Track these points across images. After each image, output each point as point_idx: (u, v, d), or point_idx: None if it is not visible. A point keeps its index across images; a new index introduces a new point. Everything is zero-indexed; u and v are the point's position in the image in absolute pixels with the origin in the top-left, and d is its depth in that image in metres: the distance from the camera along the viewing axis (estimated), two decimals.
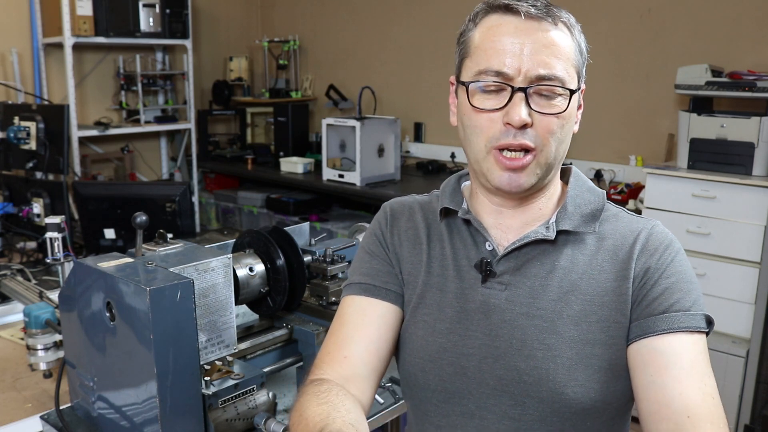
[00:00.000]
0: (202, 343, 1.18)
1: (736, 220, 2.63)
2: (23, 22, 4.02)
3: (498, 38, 0.90)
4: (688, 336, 0.89)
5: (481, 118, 0.91)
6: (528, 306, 0.94)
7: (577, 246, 0.96)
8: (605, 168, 3.47)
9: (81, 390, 1.25)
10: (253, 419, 1.17)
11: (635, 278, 0.93)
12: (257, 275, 1.36)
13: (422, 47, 4.24)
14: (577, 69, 0.93)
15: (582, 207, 0.98)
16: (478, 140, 0.92)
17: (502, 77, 0.89)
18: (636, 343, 0.91)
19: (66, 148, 2.59)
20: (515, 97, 0.88)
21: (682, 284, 0.92)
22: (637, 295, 0.92)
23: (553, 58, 0.89)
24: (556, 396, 0.91)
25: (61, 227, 1.84)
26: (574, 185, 1.01)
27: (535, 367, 0.92)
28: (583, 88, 0.97)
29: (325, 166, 3.94)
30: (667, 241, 0.95)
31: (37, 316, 1.43)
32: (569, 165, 1.05)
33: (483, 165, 0.93)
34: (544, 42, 0.89)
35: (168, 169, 4.89)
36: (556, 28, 0.90)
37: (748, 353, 2.63)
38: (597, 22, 3.35)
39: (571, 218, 0.96)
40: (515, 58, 0.88)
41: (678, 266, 0.93)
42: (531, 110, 0.89)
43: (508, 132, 0.89)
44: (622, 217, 1.00)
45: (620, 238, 0.96)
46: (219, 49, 5.07)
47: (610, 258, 0.95)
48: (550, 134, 0.90)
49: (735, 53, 3.01)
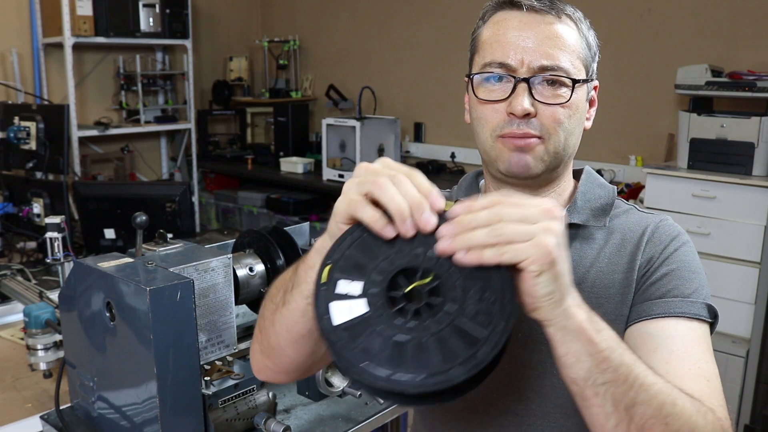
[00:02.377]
0: (202, 343, 1.18)
1: (736, 220, 2.63)
2: (23, 22, 4.02)
3: (503, 32, 0.92)
4: (684, 322, 0.87)
5: (486, 109, 0.93)
6: None
7: (585, 240, 0.96)
8: (605, 168, 3.47)
9: (81, 390, 1.25)
10: (253, 419, 1.18)
11: (639, 268, 0.93)
12: (257, 275, 1.36)
13: (422, 47, 4.24)
14: (585, 62, 0.94)
15: (592, 201, 0.99)
16: (484, 131, 0.94)
17: (506, 69, 0.90)
18: (631, 327, 0.90)
19: (66, 148, 2.60)
20: (518, 87, 0.89)
21: (684, 272, 0.92)
22: (639, 283, 0.92)
23: (556, 50, 0.90)
24: (559, 391, 0.90)
25: (61, 227, 1.84)
26: (586, 181, 1.01)
27: (539, 361, 0.92)
28: (596, 84, 0.99)
29: (325, 166, 3.94)
30: (675, 232, 0.96)
31: (37, 316, 1.43)
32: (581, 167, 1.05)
33: (491, 153, 0.94)
34: (548, 34, 0.90)
35: (168, 169, 4.89)
36: (560, 21, 0.92)
37: (748, 353, 2.63)
38: (597, 22, 3.31)
39: (580, 212, 0.97)
40: (518, 50, 0.90)
41: (682, 256, 0.93)
42: (534, 100, 0.90)
43: (512, 121, 0.90)
44: (632, 213, 1.00)
45: (629, 231, 0.97)
46: (219, 49, 5.07)
47: (618, 251, 0.95)
48: (557, 124, 0.91)
49: (735, 53, 3.01)
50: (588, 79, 0.95)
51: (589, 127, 0.99)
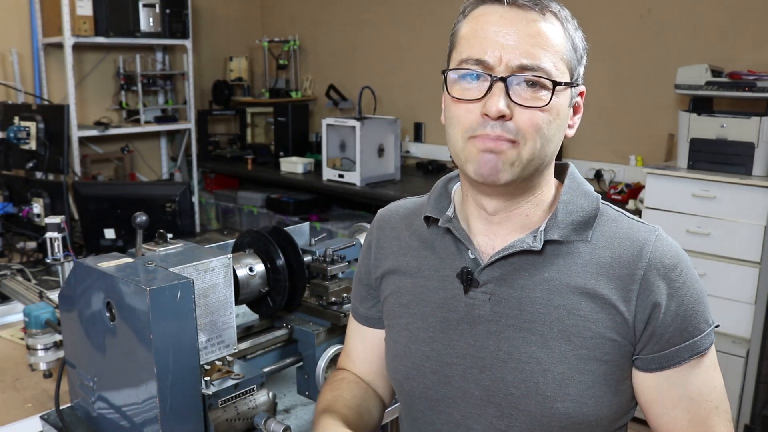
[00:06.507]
0: (202, 343, 1.18)
1: (736, 220, 2.63)
2: (23, 22, 4.02)
3: (481, 27, 0.86)
4: (699, 359, 0.89)
5: (459, 108, 0.87)
6: (515, 318, 0.91)
7: (568, 256, 0.90)
8: (605, 168, 3.47)
9: (81, 390, 1.25)
10: (253, 419, 1.17)
11: (641, 305, 0.87)
12: (257, 275, 1.36)
13: (422, 47, 4.24)
14: (569, 64, 0.87)
15: (573, 214, 0.92)
16: (456, 131, 0.88)
17: (483, 66, 0.85)
18: (650, 374, 0.90)
19: (66, 148, 2.59)
20: (495, 87, 0.83)
21: (695, 306, 0.89)
22: (648, 327, 0.88)
23: (538, 49, 0.84)
24: (545, 410, 0.88)
25: (61, 227, 1.84)
26: (569, 189, 0.95)
27: (523, 380, 0.89)
28: (582, 90, 0.92)
29: (325, 166, 3.94)
30: (674, 257, 0.89)
31: (37, 316, 1.43)
32: (565, 162, 0.99)
33: (461, 156, 0.88)
34: (530, 32, 0.84)
35: (168, 169, 4.89)
36: (544, 19, 0.85)
37: (748, 353, 2.63)
38: (597, 22, 3.35)
39: (560, 227, 0.91)
40: (497, 47, 0.84)
41: (689, 287, 0.89)
42: (511, 102, 0.84)
43: (486, 123, 0.84)
44: (621, 223, 0.93)
45: (619, 249, 0.90)
46: (219, 49, 5.07)
47: (606, 272, 0.89)
48: (534, 129, 0.84)
49: (735, 53, 3.01)
50: (572, 84, 0.88)
51: (571, 135, 0.93)
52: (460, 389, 0.94)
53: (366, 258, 1.12)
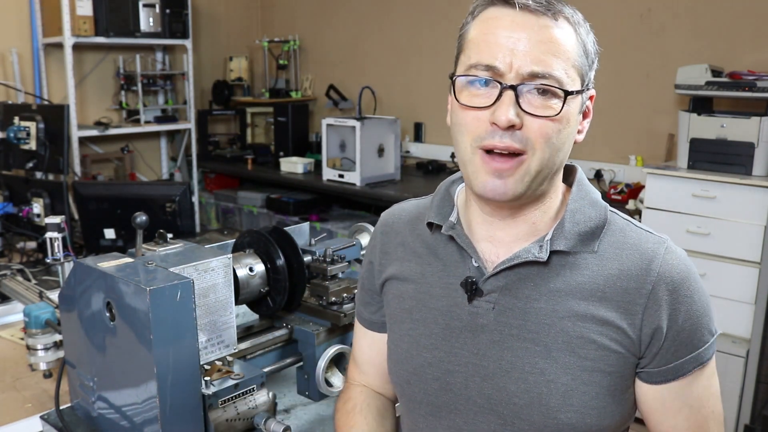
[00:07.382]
0: (202, 343, 1.18)
1: (736, 220, 2.63)
2: (23, 22, 4.02)
3: (492, 31, 0.83)
4: (703, 369, 0.90)
5: (467, 115, 0.85)
6: (519, 328, 0.90)
7: (574, 267, 0.89)
8: (605, 168, 3.47)
9: (81, 390, 1.25)
10: (253, 419, 1.17)
11: (648, 319, 0.87)
12: (257, 275, 1.36)
13: (422, 47, 4.24)
14: (580, 71, 0.86)
15: (581, 224, 0.90)
16: (464, 139, 0.86)
17: (492, 72, 0.82)
18: (655, 386, 0.90)
19: (66, 148, 2.59)
20: (504, 95, 0.81)
21: (703, 319, 0.88)
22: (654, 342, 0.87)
23: (550, 56, 0.82)
24: (548, 420, 0.88)
25: (61, 227, 1.84)
26: (576, 196, 0.92)
27: (526, 390, 0.88)
28: (592, 94, 0.91)
29: (325, 166, 3.94)
30: (684, 271, 0.88)
31: (37, 316, 1.43)
32: (573, 165, 0.97)
33: (468, 167, 0.87)
34: (542, 38, 0.82)
35: (168, 169, 4.89)
36: (557, 25, 0.83)
37: (748, 353, 2.63)
38: (597, 22, 3.32)
39: (567, 237, 0.89)
40: (508, 53, 0.81)
41: (698, 302, 0.88)
42: (521, 111, 0.82)
43: (494, 132, 0.82)
44: (629, 233, 0.91)
45: (627, 261, 0.88)
46: (219, 49, 5.07)
47: (614, 284, 0.87)
48: (544, 139, 0.83)
49: (735, 53, 3.01)
50: (583, 90, 0.87)
51: (580, 140, 0.91)
52: (463, 396, 0.94)
53: (370, 263, 1.11)
